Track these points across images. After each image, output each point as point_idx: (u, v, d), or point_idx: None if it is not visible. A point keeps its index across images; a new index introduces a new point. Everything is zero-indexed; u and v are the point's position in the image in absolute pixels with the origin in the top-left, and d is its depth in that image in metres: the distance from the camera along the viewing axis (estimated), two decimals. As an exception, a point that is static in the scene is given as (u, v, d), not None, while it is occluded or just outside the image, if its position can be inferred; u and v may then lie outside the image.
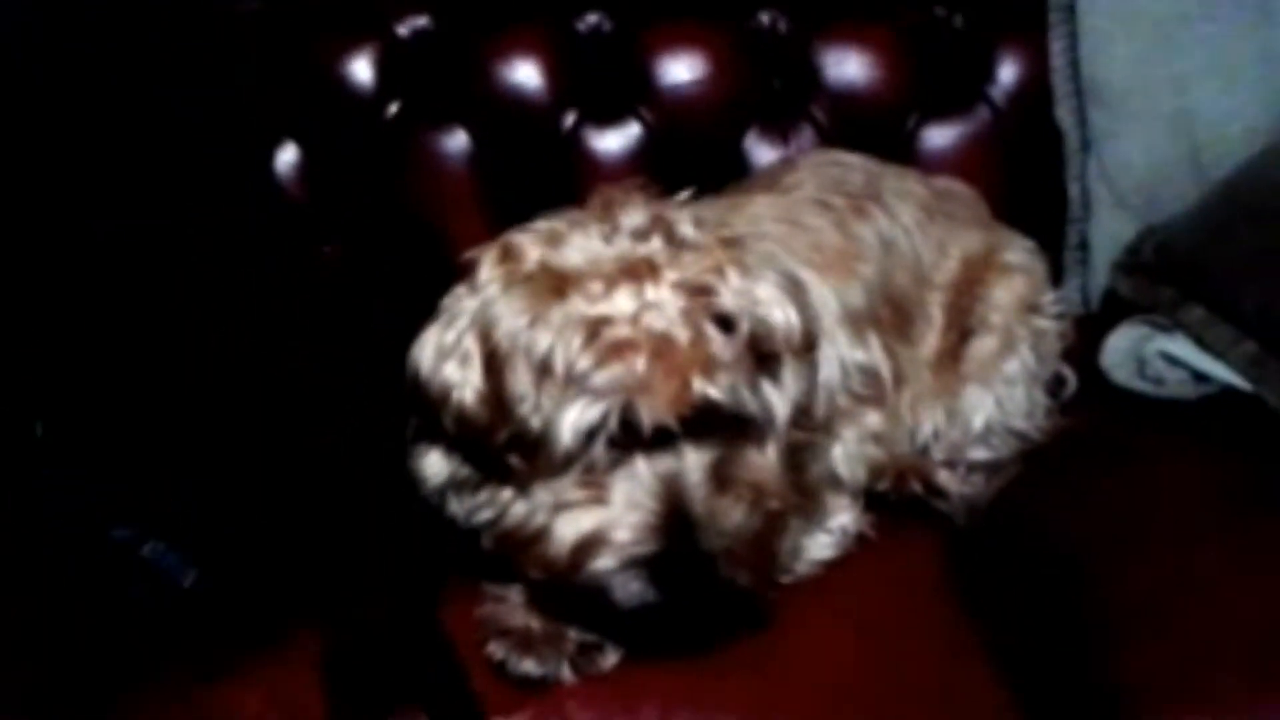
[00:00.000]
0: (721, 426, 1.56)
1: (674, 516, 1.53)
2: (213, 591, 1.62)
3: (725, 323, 1.55)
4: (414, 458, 1.71)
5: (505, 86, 2.43)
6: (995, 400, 2.06)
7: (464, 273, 1.65)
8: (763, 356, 1.58)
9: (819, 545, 1.85)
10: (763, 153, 2.46)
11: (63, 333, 1.78)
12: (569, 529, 1.55)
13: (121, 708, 1.65)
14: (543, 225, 1.66)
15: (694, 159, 2.38)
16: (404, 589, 1.69)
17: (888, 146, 2.32)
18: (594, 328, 1.53)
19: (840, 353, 1.89)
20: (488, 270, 1.61)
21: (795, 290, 1.64)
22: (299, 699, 1.63)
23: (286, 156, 2.47)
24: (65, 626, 1.64)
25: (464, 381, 1.60)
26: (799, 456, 1.72)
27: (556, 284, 1.56)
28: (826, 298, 1.90)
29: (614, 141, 2.46)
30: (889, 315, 1.99)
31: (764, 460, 1.61)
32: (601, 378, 1.51)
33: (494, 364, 1.57)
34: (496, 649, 1.67)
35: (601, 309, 1.54)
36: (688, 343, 1.52)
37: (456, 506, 1.69)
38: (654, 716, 1.66)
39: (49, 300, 1.82)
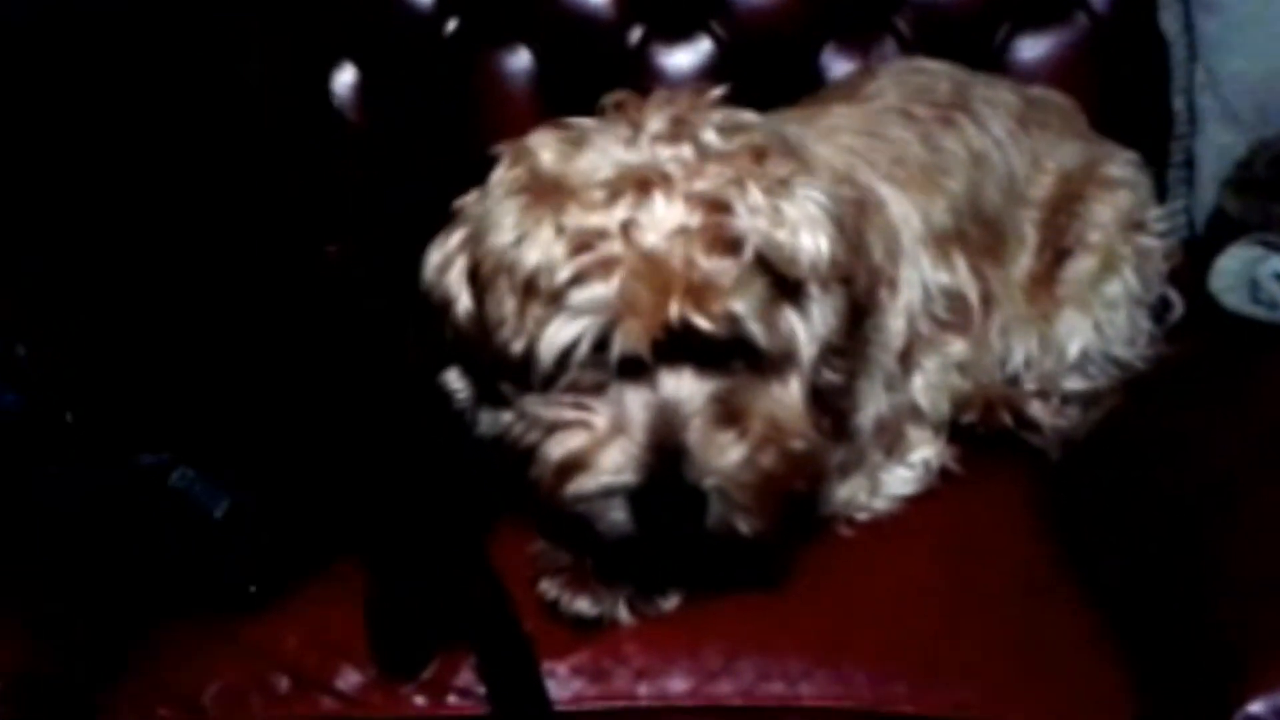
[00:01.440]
0: (729, 356, 1.46)
1: (664, 446, 1.43)
2: (248, 522, 1.53)
3: (735, 243, 1.44)
4: (444, 373, 1.64)
5: (569, 1, 2.34)
6: (1094, 325, 1.95)
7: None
8: (786, 284, 1.48)
9: (898, 480, 1.76)
10: (841, 67, 2.35)
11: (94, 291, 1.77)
12: (556, 449, 1.46)
13: (155, 643, 1.60)
14: (572, 123, 1.56)
15: (768, 75, 2.27)
16: (452, 522, 1.60)
17: (977, 59, 2.20)
18: (584, 240, 1.43)
19: (923, 275, 1.80)
20: (498, 173, 1.53)
21: (840, 210, 1.51)
22: (340, 637, 1.56)
23: (345, 78, 2.42)
24: (93, 558, 1.57)
25: (458, 296, 1.54)
26: (837, 399, 1.61)
27: (557, 193, 1.46)
28: (909, 215, 1.81)
29: (684, 58, 2.37)
30: (978, 234, 1.88)
31: (785, 396, 1.49)
32: (580, 296, 1.43)
33: (478, 281, 1.51)
34: (549, 587, 1.58)
35: (596, 220, 1.44)
36: (680, 263, 1.41)
37: (485, 423, 1.60)
38: (718, 660, 1.56)
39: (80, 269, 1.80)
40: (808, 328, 1.49)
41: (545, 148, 1.51)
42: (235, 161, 2.08)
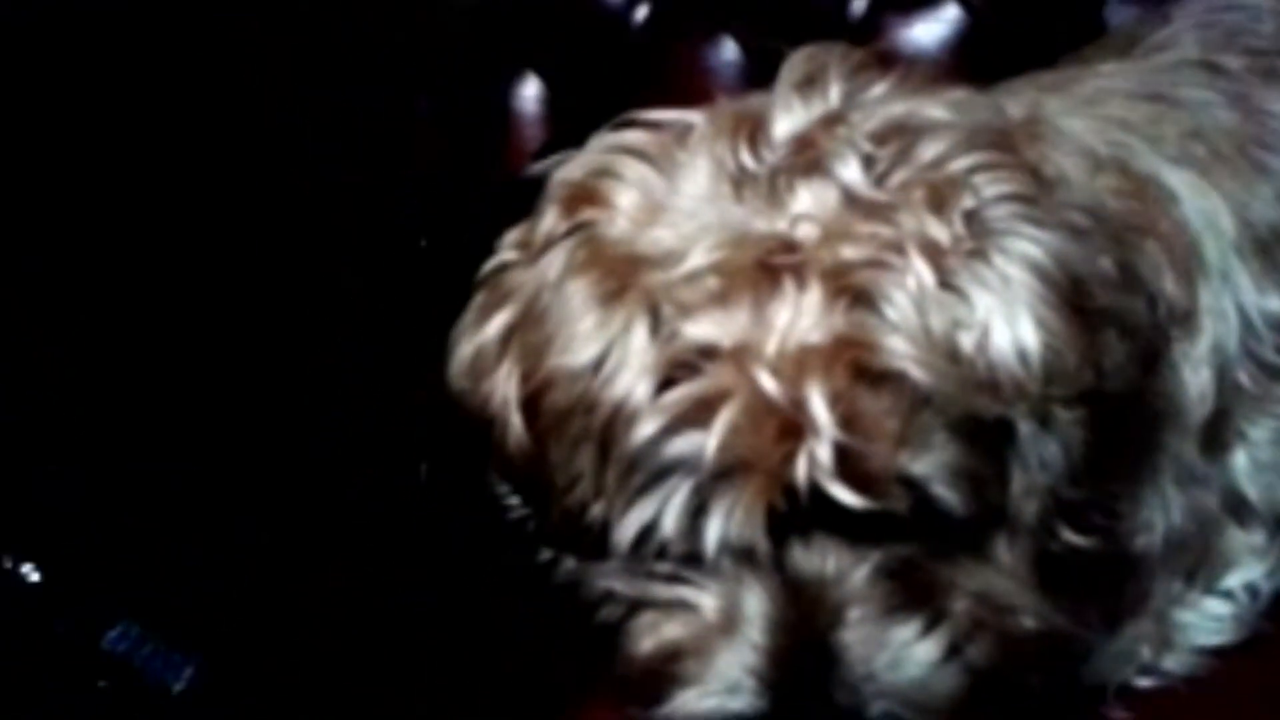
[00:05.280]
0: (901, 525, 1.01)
1: (804, 651, 1.01)
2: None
3: (888, 371, 0.99)
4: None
5: (777, -30, 2.16)
6: None
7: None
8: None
9: (1205, 621, 1.32)
10: (1135, 24, 2.03)
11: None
12: (645, 640, 1.08)
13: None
14: (656, 129, 1.12)
15: (1033, 46, 1.94)
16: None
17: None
18: (686, 359, 1.01)
19: (1239, 301, 1.37)
20: (551, 221, 1.10)
21: (1080, 257, 1.04)
22: None
23: (528, 91, 2.23)
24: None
25: (505, 416, 1.11)
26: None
27: (641, 278, 1.04)
28: (1214, 213, 1.39)
29: (925, 31, 2.09)
30: (1328, 235, 1.45)
31: (999, 556, 1.06)
32: (669, 449, 1.01)
33: (539, 411, 1.08)
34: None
35: (704, 330, 1.01)
36: (810, 397, 0.98)
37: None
38: None
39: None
40: (1023, 469, 1.04)
41: (617, 186, 1.08)
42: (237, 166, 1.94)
